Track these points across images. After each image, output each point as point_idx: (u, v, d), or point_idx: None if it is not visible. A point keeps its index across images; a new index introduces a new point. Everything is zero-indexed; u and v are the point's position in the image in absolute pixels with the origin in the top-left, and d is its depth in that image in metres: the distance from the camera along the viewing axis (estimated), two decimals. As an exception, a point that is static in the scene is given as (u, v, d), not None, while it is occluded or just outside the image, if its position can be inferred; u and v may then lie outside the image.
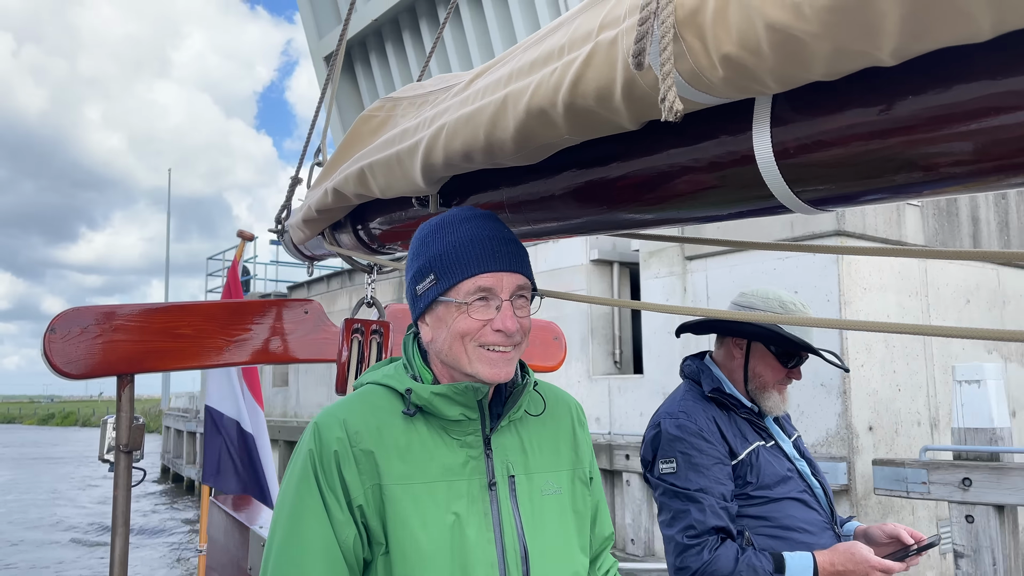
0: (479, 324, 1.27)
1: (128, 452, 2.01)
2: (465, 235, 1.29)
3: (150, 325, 2.05)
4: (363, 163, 1.55)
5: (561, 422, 1.47)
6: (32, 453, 38.05)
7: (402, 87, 1.91)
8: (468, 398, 1.30)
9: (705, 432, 2.00)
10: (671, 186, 1.13)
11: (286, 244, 2.20)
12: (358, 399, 1.35)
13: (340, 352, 1.96)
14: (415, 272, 1.33)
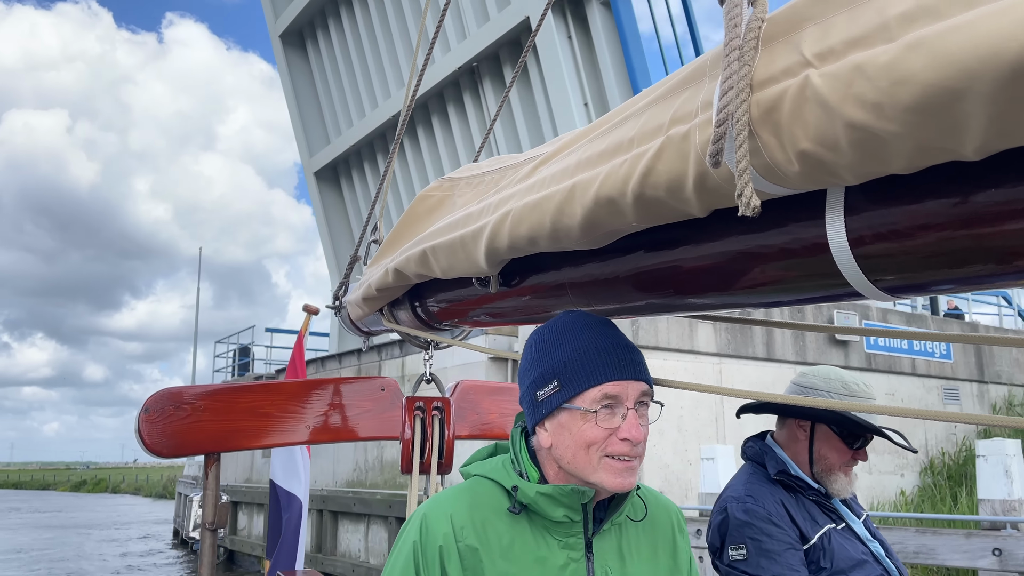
0: (605, 433, 1.27)
1: (213, 530, 2.03)
2: (590, 343, 1.31)
3: (235, 405, 2.09)
4: (425, 245, 1.58)
5: (661, 528, 1.47)
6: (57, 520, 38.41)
7: (459, 168, 1.95)
8: (573, 500, 1.31)
9: (774, 516, 1.94)
10: (739, 272, 1.13)
11: (343, 320, 2.23)
12: (467, 492, 1.36)
13: (403, 431, 1.97)
14: (536, 377, 1.34)
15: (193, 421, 2.04)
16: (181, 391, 2.08)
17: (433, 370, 2.03)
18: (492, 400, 2.26)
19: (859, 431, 2.03)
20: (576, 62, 13.07)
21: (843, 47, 0.78)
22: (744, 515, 1.97)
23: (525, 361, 1.40)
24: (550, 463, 1.35)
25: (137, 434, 2.00)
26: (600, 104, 13.15)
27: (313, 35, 20.26)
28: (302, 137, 21.14)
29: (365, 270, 2.14)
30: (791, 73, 0.83)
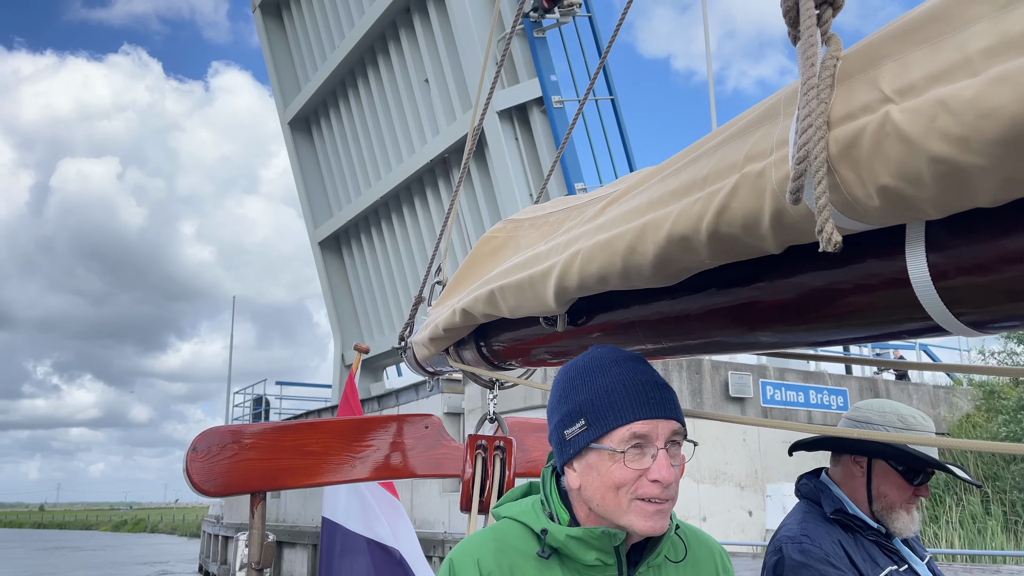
0: (635, 474, 1.23)
1: (260, 570, 2.05)
2: (617, 380, 1.28)
3: (281, 443, 2.12)
4: (493, 285, 1.60)
5: (703, 568, 1.42)
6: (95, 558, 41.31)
7: (522, 209, 1.98)
8: (604, 543, 1.27)
9: (832, 557, 1.87)
10: (815, 308, 1.12)
11: (408, 360, 2.27)
12: (492, 536, 1.33)
13: (464, 469, 1.98)
14: (563, 416, 1.31)
15: (240, 460, 2.06)
16: (228, 430, 2.12)
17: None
18: (536, 437, 2.26)
19: (920, 466, 1.95)
20: (522, 159, 15.69)
21: (924, 82, 0.78)
22: (800, 555, 1.89)
23: (553, 398, 1.36)
24: (580, 504, 1.31)
25: (185, 473, 2.04)
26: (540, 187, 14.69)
27: (317, 122, 23.37)
28: (308, 211, 24.12)
29: (430, 311, 2.17)
30: (870, 109, 0.83)
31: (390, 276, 21.15)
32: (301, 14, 22.66)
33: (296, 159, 24.14)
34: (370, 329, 22.61)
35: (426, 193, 19.02)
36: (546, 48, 15.31)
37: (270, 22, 24.17)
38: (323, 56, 21.63)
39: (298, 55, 23.53)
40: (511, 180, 15.18)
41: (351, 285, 23.48)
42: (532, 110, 15.46)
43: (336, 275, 23.70)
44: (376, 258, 21.67)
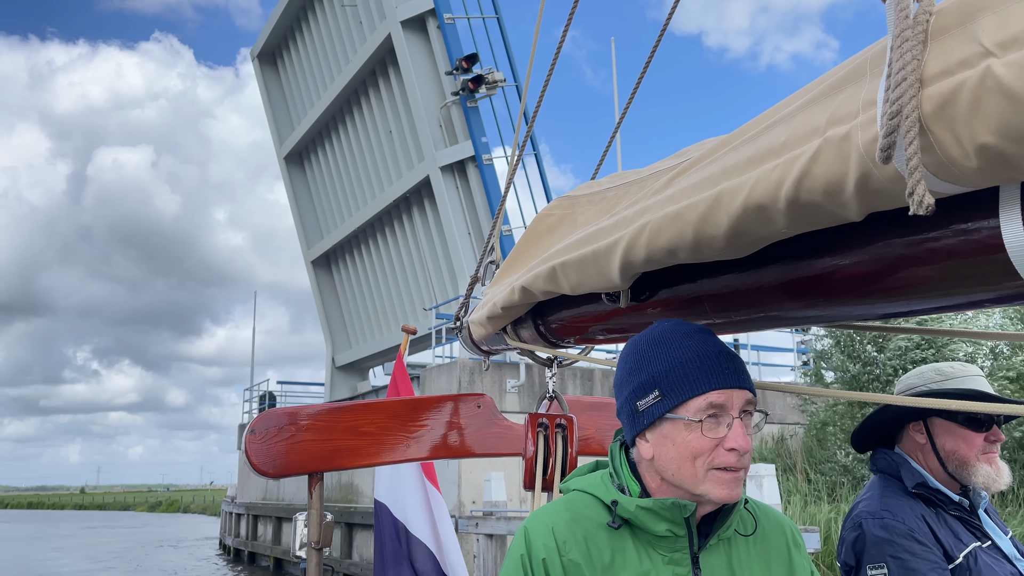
0: (712, 443, 1.24)
1: (319, 549, 2.07)
2: (691, 351, 1.28)
3: (337, 424, 2.14)
4: (554, 262, 1.59)
5: (774, 544, 1.41)
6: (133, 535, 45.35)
7: (579, 186, 1.96)
8: (675, 514, 1.27)
9: (916, 533, 1.82)
10: (898, 278, 1.08)
11: (464, 340, 2.26)
12: (564, 507, 1.34)
13: (526, 448, 1.97)
14: (635, 388, 1.32)
15: (297, 441, 2.09)
16: (285, 412, 2.15)
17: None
18: (589, 416, 2.24)
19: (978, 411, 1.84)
20: (461, 204, 19.81)
21: (1030, 34, 0.74)
22: (883, 531, 1.84)
23: (623, 372, 1.37)
24: (652, 475, 1.32)
25: (244, 455, 2.07)
26: (477, 232, 19.62)
27: (308, 158, 27.19)
28: (301, 234, 27.59)
29: (485, 291, 2.16)
30: (968, 64, 0.79)
31: (372, 290, 24.80)
32: (293, 65, 26.74)
33: (291, 188, 27.83)
34: (356, 336, 25.97)
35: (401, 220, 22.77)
36: (478, 115, 19.56)
37: (267, 70, 28.16)
38: (311, 101, 25.46)
39: (291, 99, 27.33)
40: (451, 221, 19.51)
41: (339, 297, 27.10)
42: (468, 165, 19.65)
43: (327, 288, 27.32)
44: (360, 274, 25.45)
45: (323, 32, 24.32)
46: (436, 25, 19.77)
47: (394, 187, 21.80)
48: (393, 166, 22.04)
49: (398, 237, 22.87)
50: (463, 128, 19.62)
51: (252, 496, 26.35)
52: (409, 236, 22.27)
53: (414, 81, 19.82)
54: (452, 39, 19.52)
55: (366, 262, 24.87)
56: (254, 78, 28.58)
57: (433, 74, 20.04)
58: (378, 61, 21.69)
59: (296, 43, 26.16)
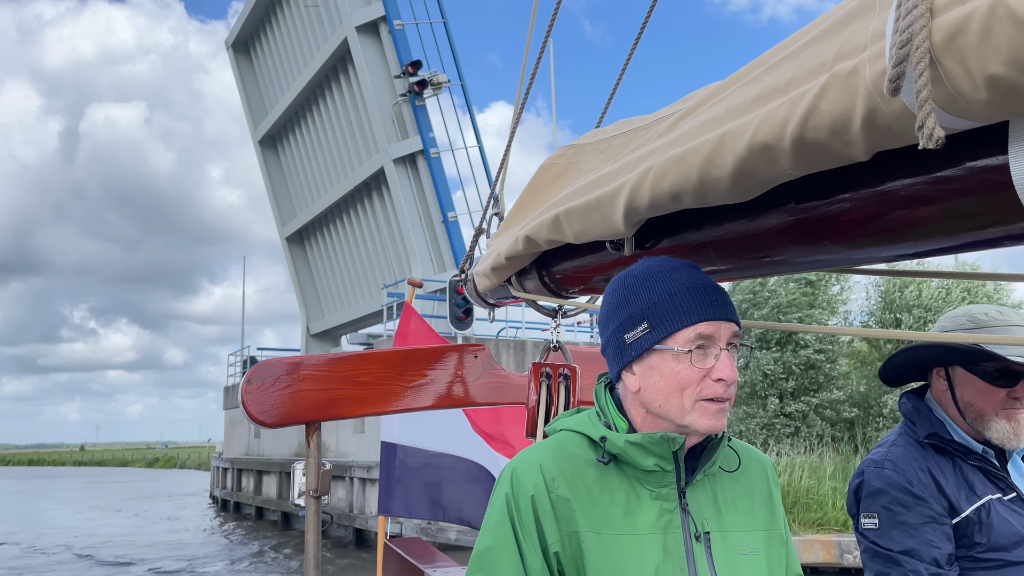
0: (700, 374, 1.25)
1: (317, 497, 2.10)
2: (681, 284, 1.29)
3: (334, 374, 2.15)
4: (558, 209, 1.58)
5: (755, 480, 1.43)
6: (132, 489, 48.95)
7: (583, 134, 1.94)
8: (663, 449, 1.28)
9: (915, 486, 1.79)
10: (904, 218, 1.07)
11: (469, 292, 2.27)
12: (553, 445, 1.35)
13: (528, 396, 1.99)
14: (623, 321, 1.32)
15: (293, 391, 2.09)
16: (281, 362, 2.15)
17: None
18: (591, 365, 2.25)
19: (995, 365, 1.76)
20: (413, 193, 22.40)
21: (1044, -43, 0.72)
22: (879, 481, 1.83)
23: (609, 306, 1.37)
24: (637, 408, 1.33)
25: (241, 405, 2.08)
26: (427, 219, 22.21)
27: (281, 141, 29.41)
28: (276, 212, 29.79)
29: (490, 242, 2.16)
30: (980, -8, 0.78)
31: (340, 265, 26.97)
32: (264, 56, 28.83)
33: (265, 170, 29.95)
34: (328, 306, 28.29)
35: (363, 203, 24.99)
36: (426, 113, 22.23)
37: (241, 58, 30.17)
38: (282, 90, 27.50)
39: (264, 87, 29.44)
40: (403, 208, 22.12)
41: (312, 271, 29.43)
42: (419, 158, 22.26)
43: (300, 263, 29.64)
44: (329, 251, 27.69)
45: (290, 27, 26.42)
46: (388, 30, 22.20)
47: (356, 174, 24.10)
48: (355, 154, 24.34)
49: (361, 219, 25.35)
50: (413, 124, 22.19)
51: (236, 452, 29.55)
52: (371, 218, 24.79)
53: (368, 81, 22.26)
54: (401, 43, 22.15)
55: (335, 240, 27.21)
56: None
57: (386, 74, 22.44)
58: (338, 58, 23.75)
59: (267, 35, 28.38)
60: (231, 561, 17.94)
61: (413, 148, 21.99)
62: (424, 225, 22.11)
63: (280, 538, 20.80)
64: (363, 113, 23.17)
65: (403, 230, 22.18)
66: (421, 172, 22.24)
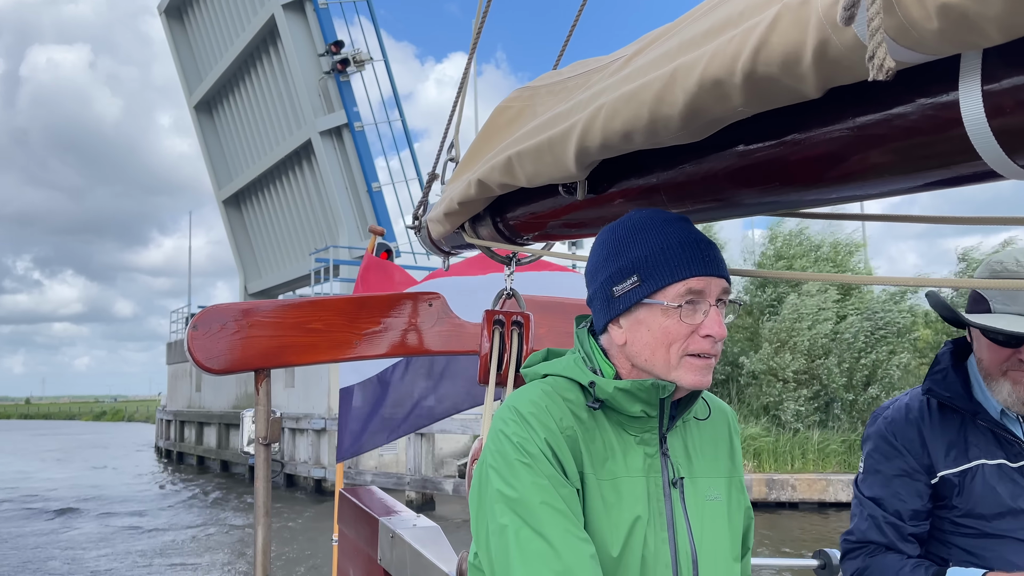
0: (688, 329, 1.24)
1: (267, 445, 2.07)
2: (671, 237, 1.27)
3: (284, 321, 2.11)
4: (510, 152, 1.54)
5: (720, 429, 1.46)
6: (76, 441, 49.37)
7: (540, 76, 1.89)
8: (651, 396, 1.28)
9: (898, 439, 1.76)
10: (856, 158, 1.05)
11: (423, 239, 2.22)
12: (550, 388, 1.32)
13: (481, 344, 1.97)
14: (612, 273, 1.30)
15: (242, 337, 2.05)
16: (229, 308, 2.09)
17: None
18: (545, 315, 2.24)
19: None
20: (339, 164, 23.67)
21: None
22: (871, 429, 1.85)
23: (598, 258, 1.35)
24: (623, 360, 1.32)
25: (188, 351, 2.03)
26: (353, 189, 23.66)
27: (216, 107, 30.35)
28: (212, 176, 30.89)
29: (444, 188, 2.11)
30: (934, -85, 0.75)
31: (275, 228, 28.23)
32: (197, 23, 29.50)
33: (201, 135, 30.88)
34: (265, 265, 29.62)
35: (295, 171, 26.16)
36: (350, 88, 23.52)
37: (173, 23, 30.71)
38: (216, 58, 28.32)
39: (197, 53, 30.12)
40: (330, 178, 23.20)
41: (248, 233, 30.75)
42: (344, 131, 23.55)
43: (237, 225, 30.87)
44: (264, 215, 29.12)
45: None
46: (313, 8, 23.12)
47: (286, 143, 25.40)
48: (285, 125, 25.58)
49: (292, 186, 26.79)
50: (338, 99, 23.48)
51: (179, 405, 31.56)
52: (301, 186, 26.12)
53: (294, 57, 23.53)
54: (326, 22, 23.23)
55: (269, 204, 28.70)
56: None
57: (311, 51, 23.58)
58: (267, 32, 24.81)
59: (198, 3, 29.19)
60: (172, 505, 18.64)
61: (338, 122, 23.36)
62: (350, 194, 23.82)
63: (220, 484, 22.18)
64: (292, 86, 24.41)
65: (330, 199, 23.64)
66: (347, 144, 23.67)
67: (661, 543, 1.26)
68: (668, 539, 1.26)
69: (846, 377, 16.48)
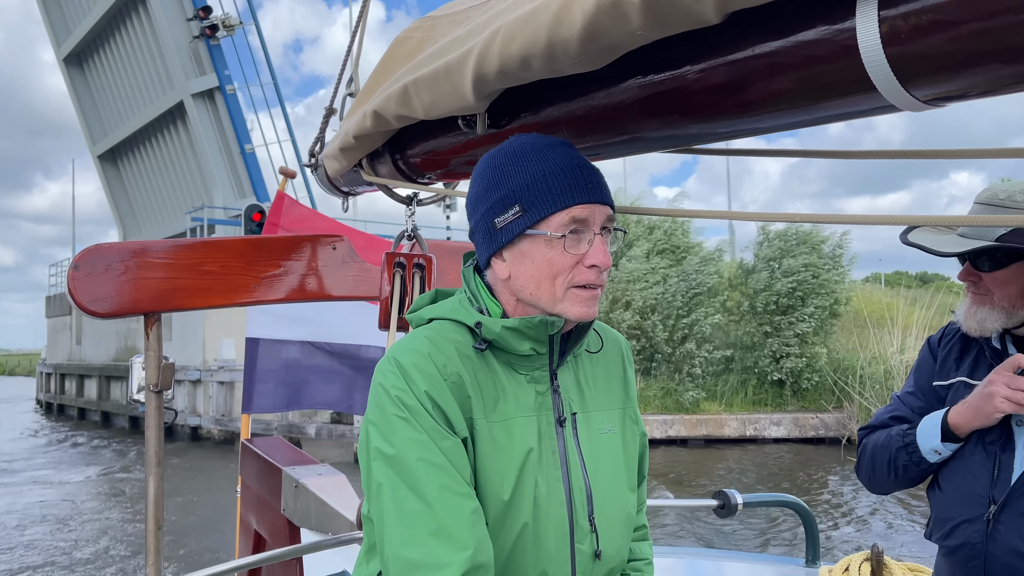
0: (573, 260, 1.19)
1: (158, 392, 1.97)
2: (553, 163, 1.20)
3: (176, 262, 1.98)
4: (406, 80, 1.45)
5: (612, 360, 1.42)
6: None
7: (442, 6, 1.80)
8: (540, 333, 1.23)
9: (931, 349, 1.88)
10: (756, 87, 1.02)
11: (320, 178, 2.12)
12: (434, 334, 1.26)
13: (381, 287, 1.89)
14: (493, 203, 1.23)
15: (129, 279, 1.92)
16: (114, 247, 1.95)
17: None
18: (449, 259, 2.19)
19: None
20: (212, 125, 24.16)
21: None
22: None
23: (478, 188, 1.27)
24: (508, 296, 1.27)
25: (69, 294, 1.90)
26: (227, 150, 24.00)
27: (87, 60, 29.93)
28: (86, 130, 30.66)
29: (342, 122, 2.01)
30: None
31: (152, 185, 28.47)
32: None
33: (73, 89, 30.52)
34: (145, 221, 29.77)
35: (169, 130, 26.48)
36: (220, 52, 23.85)
37: None
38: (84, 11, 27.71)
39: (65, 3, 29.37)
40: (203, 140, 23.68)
41: (126, 189, 30.87)
42: (216, 94, 23.94)
43: (114, 180, 30.94)
44: (142, 171, 29.32)
45: (87, -49, 27.61)
46: None
47: (159, 103, 25.69)
48: (157, 84, 25.83)
49: (168, 145, 27.07)
50: (209, 62, 23.89)
51: (59, 358, 31.72)
52: (176, 145, 26.44)
53: (163, 21, 23.77)
54: None
55: (145, 162, 28.99)
56: None
57: (181, 14, 23.85)
58: None
59: None
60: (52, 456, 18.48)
61: (210, 84, 23.83)
62: (224, 155, 24.36)
63: (102, 435, 22.22)
64: (162, 48, 24.73)
65: (201, 160, 24.17)
66: (219, 106, 24.19)
67: (554, 481, 1.23)
68: (561, 476, 1.24)
69: (668, 332, 18.20)
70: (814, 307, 17.24)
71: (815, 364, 17.13)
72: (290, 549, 2.38)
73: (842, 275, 17.89)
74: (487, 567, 1.13)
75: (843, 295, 17.65)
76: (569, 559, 1.23)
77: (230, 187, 24.02)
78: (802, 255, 17.59)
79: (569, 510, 1.23)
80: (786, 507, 2.63)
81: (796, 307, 17.33)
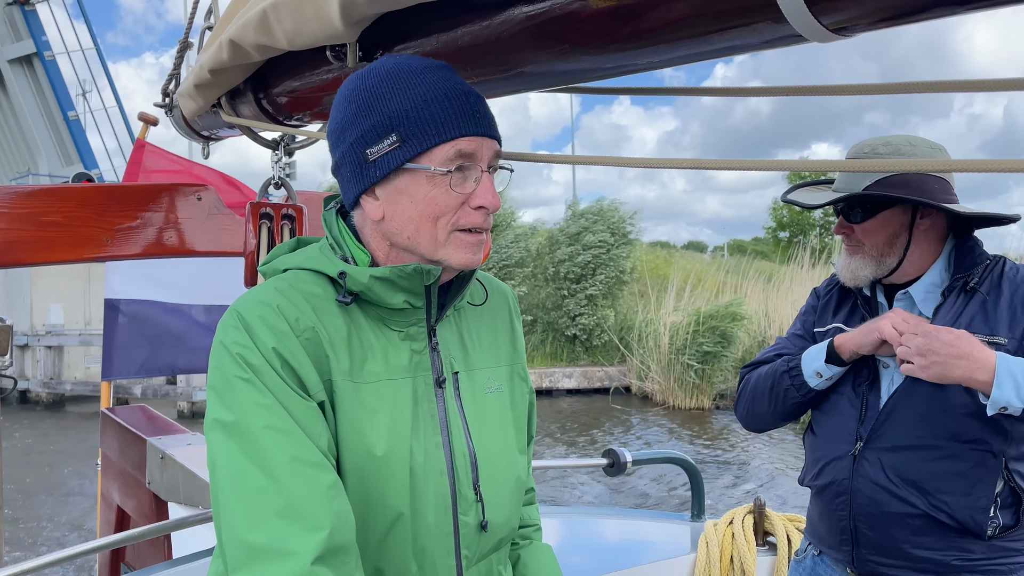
0: (458, 200, 1.05)
1: None
2: (438, 88, 1.05)
3: (12, 212, 1.75)
4: (265, 4, 1.28)
5: (499, 313, 1.31)
6: None
7: None
8: (415, 283, 1.09)
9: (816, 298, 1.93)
10: (651, 16, 0.93)
11: (176, 120, 1.90)
12: (287, 284, 1.09)
13: (247, 240, 1.71)
14: (365, 131, 1.07)
15: None
16: None
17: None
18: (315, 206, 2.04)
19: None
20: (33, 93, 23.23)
21: None
22: None
23: (344, 114, 1.10)
24: (379, 241, 1.12)
25: None
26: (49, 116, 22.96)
27: None
28: None
29: (198, 56, 1.80)
30: None
31: None
32: None
33: None
34: None
35: None
36: (36, 17, 22.91)
37: None
38: None
39: None
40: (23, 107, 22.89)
41: None
42: (35, 60, 23.11)
43: None
44: None
45: None
46: None
47: None
48: None
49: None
50: (25, 28, 23.05)
51: None
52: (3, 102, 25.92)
53: None
54: None
55: None
56: None
57: None
58: None
59: None
60: None
61: (27, 50, 23.37)
62: (47, 123, 23.61)
63: None
64: None
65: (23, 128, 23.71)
66: (39, 73, 23.78)
67: (434, 448, 1.11)
68: (443, 443, 1.12)
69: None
70: (604, 276, 19.50)
71: (604, 324, 19.17)
72: (157, 526, 2.20)
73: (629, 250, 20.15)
74: (346, 548, 0.99)
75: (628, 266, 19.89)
76: (452, 533, 1.13)
77: (55, 154, 23.48)
78: (599, 232, 19.69)
79: (451, 479, 1.12)
80: (674, 463, 2.65)
81: (588, 276, 19.52)
